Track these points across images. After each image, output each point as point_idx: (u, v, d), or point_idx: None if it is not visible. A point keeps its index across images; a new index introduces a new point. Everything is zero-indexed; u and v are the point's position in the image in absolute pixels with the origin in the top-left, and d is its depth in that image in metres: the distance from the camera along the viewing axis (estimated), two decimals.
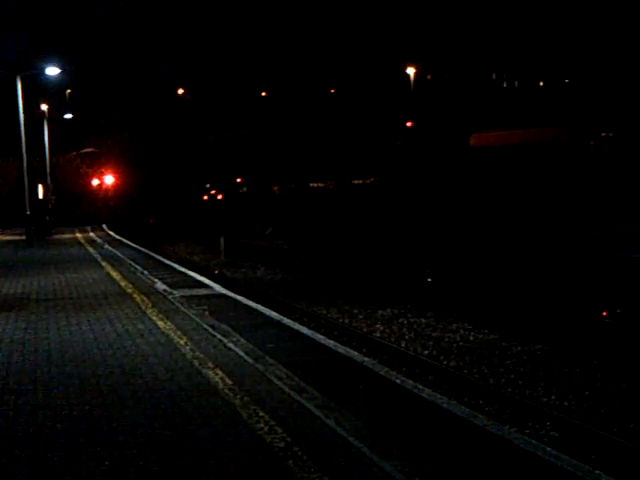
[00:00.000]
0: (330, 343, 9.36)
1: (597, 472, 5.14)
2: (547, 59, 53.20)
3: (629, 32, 46.46)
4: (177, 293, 13.66)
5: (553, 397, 10.36)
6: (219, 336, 9.28)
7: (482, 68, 57.93)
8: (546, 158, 37.83)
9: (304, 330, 10.47)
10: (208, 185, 64.78)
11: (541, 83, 57.16)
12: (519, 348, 13.13)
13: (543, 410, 9.57)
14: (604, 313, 15.71)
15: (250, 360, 7.96)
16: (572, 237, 25.76)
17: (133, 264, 19.64)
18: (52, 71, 33.05)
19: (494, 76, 59.90)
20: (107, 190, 64.47)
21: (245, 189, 63.30)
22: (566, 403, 10.10)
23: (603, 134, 44.64)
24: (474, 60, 56.98)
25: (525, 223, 29.71)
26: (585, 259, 21.83)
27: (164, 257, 25.79)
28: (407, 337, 14.46)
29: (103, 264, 20.08)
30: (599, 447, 8.22)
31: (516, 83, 59.45)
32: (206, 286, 15.54)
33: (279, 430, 5.67)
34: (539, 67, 55.36)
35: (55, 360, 8.34)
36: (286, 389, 6.79)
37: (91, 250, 26.32)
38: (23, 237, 31.48)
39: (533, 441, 5.82)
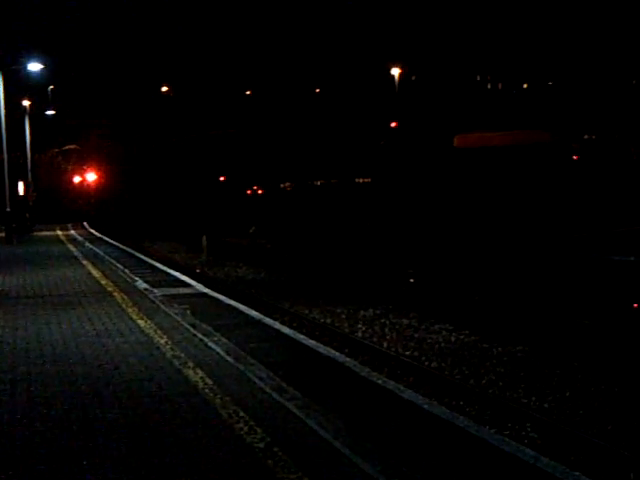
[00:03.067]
0: (311, 343, 9.35)
1: (576, 473, 5.17)
2: (531, 61, 53.51)
3: (612, 35, 46.88)
4: (158, 292, 13.58)
5: (533, 398, 10.41)
6: (200, 335, 9.23)
7: (467, 70, 58.15)
8: (530, 160, 38.05)
9: (285, 330, 10.46)
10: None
11: (525, 85, 57.45)
12: (500, 349, 13.17)
13: (523, 411, 9.61)
14: (584, 314, 15.80)
15: (231, 360, 7.92)
16: (553, 239, 25.90)
17: (114, 262, 19.52)
18: (34, 67, 32.80)
19: (478, 78, 60.12)
20: (89, 187, 64.10)
21: (287, 184, 62.86)
22: (546, 404, 10.14)
23: (586, 137, 44.94)
24: (459, 62, 57.19)
25: (508, 225, 29.84)
26: (564, 261, 21.96)
27: (146, 255, 25.69)
28: (389, 338, 14.47)
29: (84, 262, 19.94)
30: (578, 448, 8.26)
31: (500, 85, 59.69)
32: (188, 285, 15.49)
33: (259, 430, 5.65)
34: (523, 69, 55.66)
35: (33, 359, 8.25)
36: (267, 389, 6.76)
37: (72, 248, 26.13)
38: (3, 234, 31.20)
39: (513, 442, 5.84)
